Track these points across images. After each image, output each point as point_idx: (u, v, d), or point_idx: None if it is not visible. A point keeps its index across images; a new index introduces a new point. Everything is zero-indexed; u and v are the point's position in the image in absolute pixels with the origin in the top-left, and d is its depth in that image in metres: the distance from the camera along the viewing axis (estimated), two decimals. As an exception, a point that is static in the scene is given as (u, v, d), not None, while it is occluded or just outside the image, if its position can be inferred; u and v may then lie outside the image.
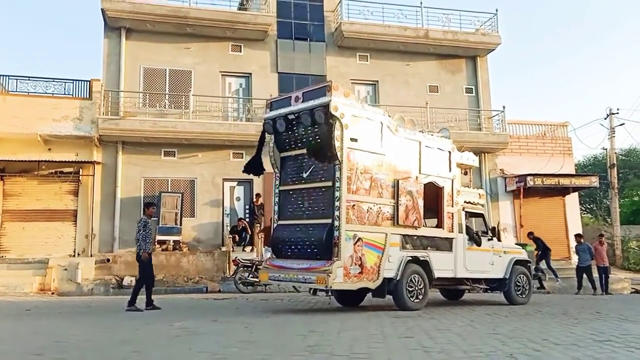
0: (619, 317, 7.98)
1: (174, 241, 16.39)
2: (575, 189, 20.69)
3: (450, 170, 10.09)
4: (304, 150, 8.92)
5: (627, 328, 6.55)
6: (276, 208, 9.44)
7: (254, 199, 17.22)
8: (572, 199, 20.90)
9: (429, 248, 9.38)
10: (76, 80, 17.22)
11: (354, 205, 8.38)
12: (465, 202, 10.39)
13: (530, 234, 17.28)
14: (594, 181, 20.74)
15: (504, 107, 20.02)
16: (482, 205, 11.17)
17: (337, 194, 8.26)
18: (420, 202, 9.28)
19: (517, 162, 20.17)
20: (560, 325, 6.96)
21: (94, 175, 16.48)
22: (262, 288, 14.03)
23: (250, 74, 18.68)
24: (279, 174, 9.51)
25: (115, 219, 16.62)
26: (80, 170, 16.53)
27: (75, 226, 16.44)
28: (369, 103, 19.40)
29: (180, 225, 16.68)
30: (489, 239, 10.55)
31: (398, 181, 9.03)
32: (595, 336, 5.77)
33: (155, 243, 16.24)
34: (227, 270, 15.51)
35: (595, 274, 15.91)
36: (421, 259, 9.16)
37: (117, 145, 16.94)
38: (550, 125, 22.11)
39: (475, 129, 19.56)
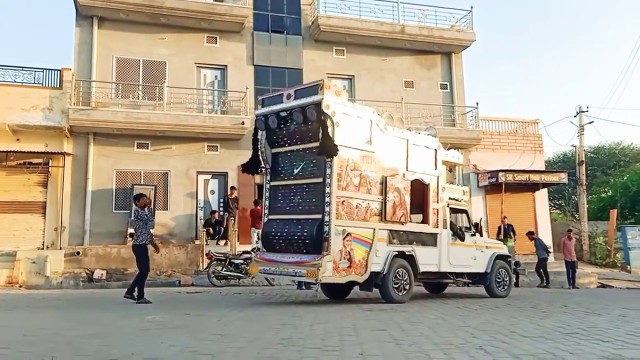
0: (586, 311, 8.20)
1: (146, 234, 16.16)
2: (545, 185, 21.13)
3: (436, 168, 10.38)
4: (295, 147, 9.15)
5: (593, 321, 6.73)
6: (267, 203, 9.60)
7: (229, 192, 17.11)
8: (542, 194, 21.34)
9: (414, 243, 9.64)
10: (46, 69, 16.80)
11: (344, 201, 8.58)
12: (449, 198, 10.69)
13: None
14: (563, 178, 21.21)
15: (477, 104, 20.30)
16: (466, 202, 11.47)
17: (327, 190, 8.46)
18: (407, 199, 9.53)
19: (489, 158, 20.49)
20: (529, 318, 7.12)
21: (64, 167, 16.14)
22: (236, 282, 13.99)
23: (226, 66, 18.51)
24: (270, 170, 9.63)
25: (86, 212, 16.33)
26: (50, 161, 16.16)
27: (44, 218, 16.09)
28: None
29: (153, 218, 16.47)
30: (472, 235, 10.89)
31: (386, 178, 9.24)
32: (562, 329, 5.91)
33: (128, 236, 16.06)
34: (201, 264, 15.40)
35: (564, 268, 16.34)
36: (407, 253, 9.40)
37: (89, 137, 16.62)
38: (521, 122, 22.52)
39: (449, 125, 19.78)
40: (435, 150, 10.41)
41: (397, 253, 9.20)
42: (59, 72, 16.69)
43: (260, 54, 18.85)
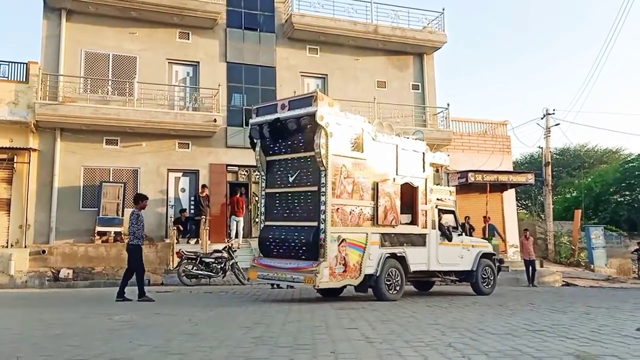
0: (551, 309, 8.40)
1: (115, 232, 15.95)
2: (512, 185, 21.57)
3: (424, 171, 10.68)
4: (289, 155, 9.43)
5: (558, 318, 6.90)
6: (263, 209, 9.88)
7: (200, 190, 16.96)
8: (510, 195, 21.77)
9: (405, 244, 9.94)
10: (12, 62, 16.42)
11: (338, 208, 8.86)
12: (437, 199, 11.01)
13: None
14: (530, 178, 21.68)
15: (448, 105, 20.59)
16: (453, 202, 11.79)
17: (322, 198, 8.72)
18: (398, 202, 9.85)
19: (459, 159, 20.79)
20: (497, 315, 7.25)
21: (29, 163, 15.74)
22: (207, 281, 13.87)
23: (198, 62, 18.33)
24: (265, 177, 9.88)
25: (52, 209, 15.97)
26: (15, 157, 15.75)
27: (9, 216, 15.66)
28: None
29: (122, 216, 16.22)
30: (458, 234, 11.26)
31: (377, 183, 9.53)
32: (528, 326, 6.04)
33: (95, 234, 15.78)
34: (171, 263, 15.22)
35: (524, 267, 16.84)
36: (398, 254, 9.70)
37: (55, 132, 16.24)
38: (491, 123, 22.94)
39: (420, 125, 19.99)
40: (423, 153, 10.74)
41: (388, 255, 9.50)
42: (25, 65, 16.29)
43: (233, 51, 18.72)
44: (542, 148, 25.50)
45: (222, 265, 13.91)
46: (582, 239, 23.72)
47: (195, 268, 13.71)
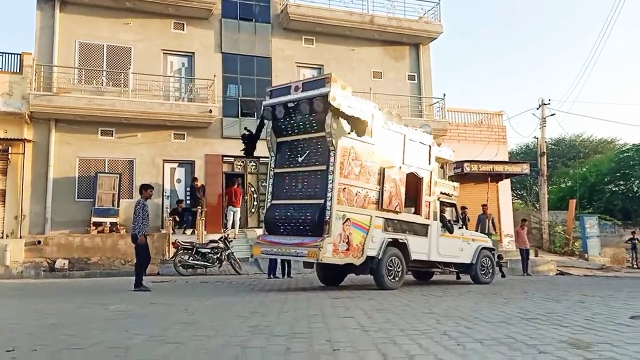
0: (545, 297, 8.45)
1: (110, 223, 15.94)
2: (508, 175, 21.62)
3: (429, 163, 10.94)
4: (300, 136, 9.55)
5: (552, 307, 6.95)
6: (270, 189, 9.92)
7: (193, 182, 16.98)
8: (505, 185, 21.83)
9: (407, 232, 10.12)
10: (6, 53, 16.31)
11: (345, 188, 9.01)
12: (441, 192, 11.21)
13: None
14: (525, 168, 21.73)
15: (444, 95, 20.58)
16: (456, 197, 11.98)
17: (330, 177, 8.86)
18: (402, 190, 10.03)
19: (455, 149, 20.67)
20: (491, 304, 7.30)
21: (24, 154, 15.68)
22: (203, 271, 13.90)
23: (193, 53, 18.24)
24: (275, 157, 9.98)
25: (47, 200, 15.94)
26: (10, 148, 15.68)
27: (4, 206, 15.63)
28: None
29: (118, 206, 16.22)
30: (459, 227, 11.48)
31: (384, 169, 9.69)
32: (522, 314, 6.08)
33: (91, 225, 15.77)
34: (167, 253, 15.23)
35: (518, 257, 16.97)
36: (400, 241, 9.87)
37: (50, 123, 16.17)
38: (486, 113, 22.95)
39: (416, 116, 19.98)
40: (430, 146, 11.00)
41: (391, 240, 9.64)
42: (19, 56, 16.21)
43: (229, 42, 18.63)
44: (537, 138, 25.52)
45: (218, 256, 13.94)
46: (576, 229, 23.83)
47: (191, 258, 13.73)
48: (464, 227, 11.72)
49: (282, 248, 9.24)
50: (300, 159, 9.52)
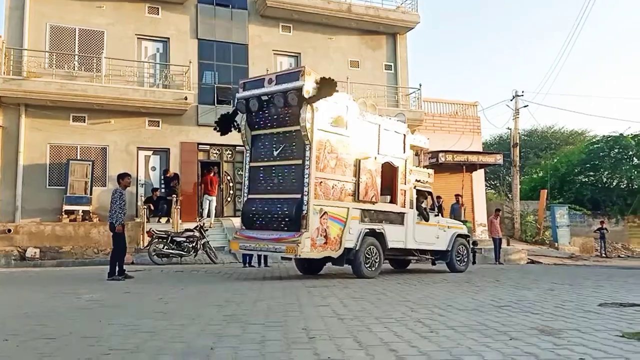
0: (516, 285, 8.63)
1: (83, 211, 15.69)
2: (482, 165, 21.92)
3: (404, 152, 10.98)
4: (275, 130, 9.50)
5: (523, 294, 7.10)
6: (247, 183, 9.88)
7: (165, 174, 16.84)
8: (479, 175, 22.13)
9: (384, 221, 10.22)
10: (-27, 35, 15.78)
11: (321, 182, 9.05)
12: (416, 180, 11.29)
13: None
14: (498, 159, 22.05)
15: (420, 85, 20.71)
16: (431, 183, 12.10)
17: (306, 171, 8.87)
18: (378, 180, 10.11)
19: (430, 139, 20.92)
20: (464, 292, 7.43)
21: (-8, 140, 15.28)
22: (178, 260, 13.79)
23: (168, 38, 17.94)
24: (250, 151, 9.91)
25: (17, 187, 15.59)
26: (-23, 133, 15.26)
27: (-28, 194, 15.22)
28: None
29: (91, 194, 15.95)
30: (435, 215, 11.60)
31: (359, 161, 9.74)
32: (495, 302, 6.21)
33: (63, 213, 15.49)
34: (141, 242, 15.06)
35: (492, 245, 17.29)
36: (377, 231, 9.97)
37: (20, 108, 15.77)
38: (461, 104, 23.16)
39: (392, 106, 20.06)
40: (404, 135, 11.05)
41: (368, 231, 9.72)
42: (-14, 39, 15.68)
43: (205, 28, 18.37)
44: (510, 129, 25.89)
45: (194, 244, 13.84)
46: (547, 218, 24.29)
47: (166, 247, 13.61)
48: (439, 214, 11.85)
49: (260, 243, 9.23)
50: (275, 153, 9.50)
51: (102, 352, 3.61)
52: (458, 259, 11.90)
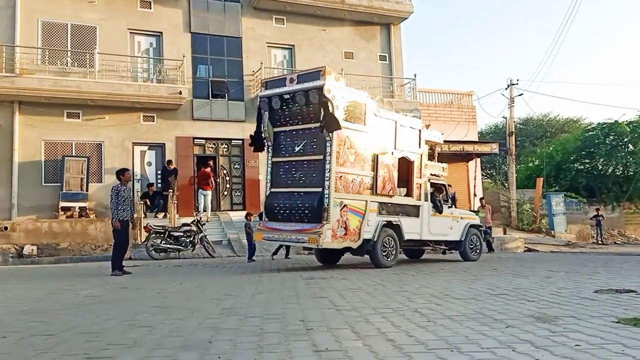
0: (513, 273, 8.68)
1: (79, 208, 15.66)
2: (477, 155, 21.96)
3: (419, 147, 11.31)
4: (296, 127, 9.89)
5: (519, 283, 7.14)
6: (269, 177, 10.30)
7: (166, 165, 16.77)
8: (475, 164, 22.16)
9: (400, 214, 10.59)
10: (-36, 32, 15.65)
11: (341, 176, 9.42)
12: (431, 174, 11.66)
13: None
14: (494, 148, 22.10)
15: (415, 76, 20.66)
16: (445, 177, 12.43)
17: (327, 166, 9.25)
18: (395, 174, 10.52)
19: (426, 129, 20.96)
20: (461, 281, 7.47)
21: (-14, 138, 15.21)
22: (175, 254, 13.80)
23: (161, 32, 17.84)
24: (272, 147, 10.30)
25: (13, 185, 15.54)
26: (-29, 131, 15.18)
27: (-33, 192, 15.17)
28: (285, 67, 19.31)
29: (87, 191, 15.92)
30: (449, 207, 11.93)
31: (377, 156, 10.12)
32: (491, 290, 6.24)
33: (59, 210, 15.46)
34: (139, 237, 15.05)
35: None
36: (394, 223, 10.35)
37: (14, 105, 15.70)
38: (456, 94, 23.16)
39: (387, 96, 19.96)
40: (420, 130, 11.34)
41: (385, 222, 10.10)
42: (-23, 36, 15.56)
43: (198, 21, 18.28)
44: (506, 118, 25.91)
45: (191, 239, 13.86)
46: (543, 206, 24.37)
47: (163, 242, 13.62)
48: (452, 206, 12.15)
49: (283, 234, 9.67)
50: (297, 149, 9.87)
51: (101, 347, 3.62)
52: (471, 247, 12.15)
